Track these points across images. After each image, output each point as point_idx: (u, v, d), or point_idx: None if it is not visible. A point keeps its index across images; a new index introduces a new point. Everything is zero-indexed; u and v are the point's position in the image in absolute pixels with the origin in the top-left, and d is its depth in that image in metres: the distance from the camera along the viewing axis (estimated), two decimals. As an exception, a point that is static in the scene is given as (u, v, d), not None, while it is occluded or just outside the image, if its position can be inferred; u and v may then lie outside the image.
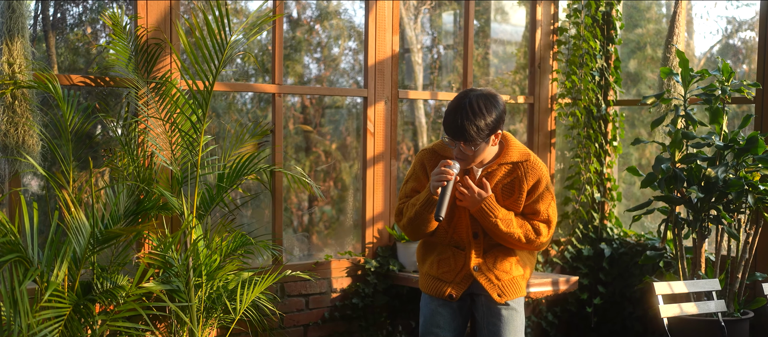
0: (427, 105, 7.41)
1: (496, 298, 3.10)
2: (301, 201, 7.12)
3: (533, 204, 3.07)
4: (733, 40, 9.64)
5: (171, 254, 3.45)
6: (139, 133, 3.75)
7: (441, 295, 3.14)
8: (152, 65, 3.81)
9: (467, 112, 2.89)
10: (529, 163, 3.05)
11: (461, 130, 2.91)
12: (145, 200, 3.56)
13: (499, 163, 3.05)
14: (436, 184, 2.93)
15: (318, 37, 7.38)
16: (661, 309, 3.72)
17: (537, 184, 3.05)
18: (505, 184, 3.05)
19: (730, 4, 9.57)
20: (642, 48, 7.96)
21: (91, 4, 6.09)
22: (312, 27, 7.32)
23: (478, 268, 3.11)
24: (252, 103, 6.88)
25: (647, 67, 7.86)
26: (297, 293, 4.38)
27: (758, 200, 4.29)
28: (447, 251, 3.14)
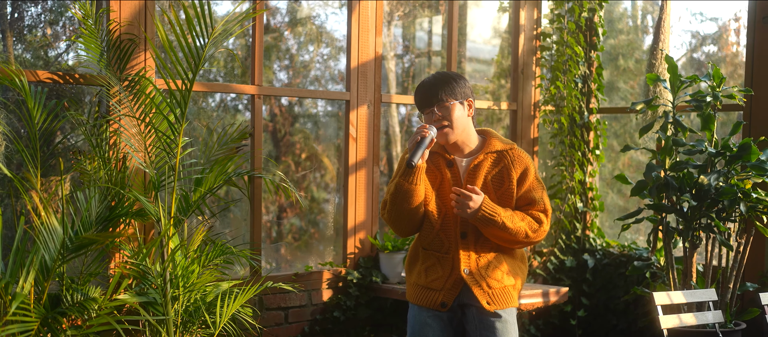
0: (400, 113, 7.24)
1: (485, 306, 2.95)
2: (269, 212, 6.86)
3: (527, 194, 2.97)
4: (697, 54, 9.70)
5: (147, 264, 3.20)
6: (111, 133, 3.50)
7: (432, 304, 2.98)
8: (126, 62, 3.56)
9: (438, 76, 2.94)
10: (515, 151, 2.98)
11: (433, 90, 2.90)
12: (119, 206, 3.30)
13: (485, 152, 2.96)
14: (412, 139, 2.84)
15: (287, 43, 7.16)
16: (661, 320, 3.59)
17: (525, 172, 2.96)
18: (494, 174, 2.95)
19: (694, 19, 9.63)
20: (614, 58, 7.92)
21: (51, 5, 5.78)
22: (282, 33, 7.10)
23: (469, 271, 2.96)
24: (220, 109, 6.62)
25: (620, 78, 7.81)
26: (276, 306, 4.14)
27: (750, 208, 4.20)
28: (432, 258, 3.00)
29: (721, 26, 9.53)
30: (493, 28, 7.13)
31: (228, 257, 3.53)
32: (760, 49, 4.55)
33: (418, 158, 2.77)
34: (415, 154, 2.78)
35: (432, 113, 2.90)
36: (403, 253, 4.41)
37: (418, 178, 2.86)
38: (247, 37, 6.00)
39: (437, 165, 2.98)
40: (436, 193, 2.97)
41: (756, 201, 4.19)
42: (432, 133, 2.85)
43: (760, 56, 4.54)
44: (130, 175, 3.50)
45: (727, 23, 9.31)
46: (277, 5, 7.10)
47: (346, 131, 4.43)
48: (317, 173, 7.05)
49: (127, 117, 3.46)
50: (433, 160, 2.98)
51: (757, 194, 4.19)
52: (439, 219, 2.96)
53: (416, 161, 2.77)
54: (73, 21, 4.91)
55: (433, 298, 2.98)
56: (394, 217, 2.93)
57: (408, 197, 2.87)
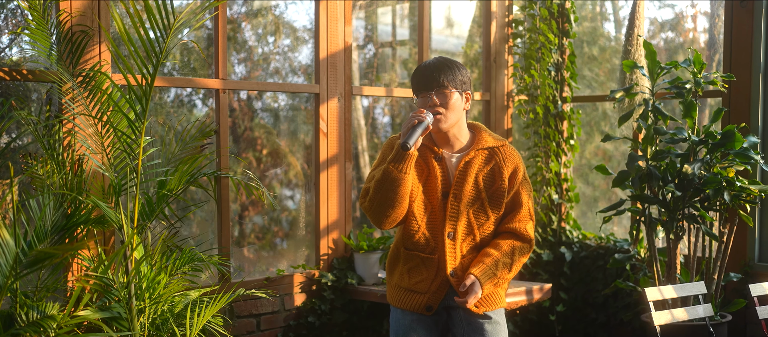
0: (363, 106, 7.01)
1: (473, 309, 2.81)
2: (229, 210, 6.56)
3: (516, 195, 2.84)
4: (655, 41, 9.69)
5: (110, 276, 2.93)
6: (65, 134, 3.21)
7: (417, 308, 2.82)
8: (79, 56, 3.27)
9: (437, 62, 2.79)
10: (507, 148, 2.85)
11: (435, 74, 2.75)
12: (76, 213, 3.02)
13: (476, 149, 2.80)
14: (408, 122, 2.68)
15: (245, 35, 6.87)
16: (653, 317, 3.45)
17: (515, 171, 2.84)
18: (486, 173, 2.81)
19: (652, 5, 9.61)
20: (578, 46, 7.81)
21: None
22: (239, 24, 6.81)
23: (455, 273, 2.80)
24: (175, 105, 6.31)
25: (585, 66, 7.70)
26: (247, 314, 3.89)
27: (734, 197, 4.09)
28: (415, 259, 2.83)
29: (678, 13, 9.52)
30: (447, 18, 6.96)
31: (197, 264, 3.28)
32: (738, 33, 4.45)
33: (413, 141, 2.59)
34: (411, 137, 2.59)
35: (428, 98, 2.73)
36: (379, 252, 4.20)
37: (409, 166, 2.69)
38: (204, 29, 5.70)
39: (425, 158, 2.81)
40: (421, 188, 2.80)
41: (740, 190, 4.08)
42: (428, 120, 2.68)
43: (738, 41, 4.44)
44: (87, 179, 3.22)
45: (685, 10, 9.31)
46: (234, -5, 6.81)
47: (316, 126, 4.20)
48: (280, 170, 6.79)
49: (83, 116, 3.18)
50: (421, 154, 2.80)
51: (741, 182, 4.08)
52: (425, 216, 2.80)
53: (411, 144, 2.59)
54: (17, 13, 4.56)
55: (417, 301, 2.82)
56: (376, 206, 2.73)
57: (395, 186, 2.69)
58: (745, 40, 4.41)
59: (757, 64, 4.37)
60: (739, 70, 4.43)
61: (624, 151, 8.10)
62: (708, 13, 8.90)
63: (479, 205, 2.79)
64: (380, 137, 7.03)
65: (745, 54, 4.41)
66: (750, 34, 4.39)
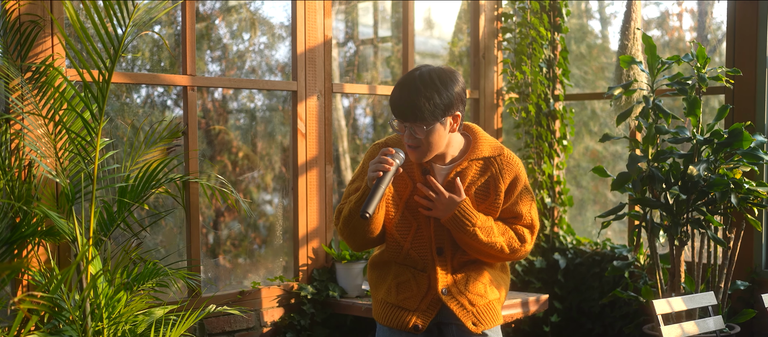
0: (344, 106, 6.71)
1: (470, 327, 2.58)
2: (204, 216, 6.24)
3: (513, 206, 2.58)
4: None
5: (61, 294, 2.60)
6: (12, 136, 2.88)
7: (404, 327, 2.57)
8: (28, 49, 2.95)
9: (418, 85, 2.41)
10: (504, 157, 2.57)
11: (411, 105, 2.40)
12: (23, 224, 2.69)
13: (469, 159, 2.54)
14: (372, 174, 2.39)
15: (219, 32, 6.55)
16: (663, 331, 3.17)
17: (514, 182, 2.57)
18: (479, 185, 2.55)
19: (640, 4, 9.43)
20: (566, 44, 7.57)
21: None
22: (213, 21, 6.48)
23: (448, 291, 2.57)
24: (146, 105, 5.97)
25: (573, 64, 7.46)
26: (220, 331, 3.57)
27: (741, 200, 3.83)
28: (406, 273, 2.59)
29: (664, 11, 9.34)
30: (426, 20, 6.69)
31: (162, 278, 2.96)
32: (742, 25, 4.19)
33: (372, 208, 2.34)
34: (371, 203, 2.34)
35: (406, 128, 2.44)
36: (363, 263, 3.89)
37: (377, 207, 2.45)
38: (176, 25, 5.38)
39: (411, 173, 2.54)
40: (404, 204, 2.53)
41: (748, 192, 3.82)
42: (397, 163, 2.42)
43: (742, 35, 4.19)
44: (37, 186, 2.89)
45: (670, 7, 9.13)
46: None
47: (294, 126, 3.88)
48: (257, 173, 6.46)
49: (32, 115, 2.85)
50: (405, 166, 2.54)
51: (748, 184, 3.82)
52: (409, 236, 2.55)
53: (371, 212, 2.34)
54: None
55: (405, 319, 2.57)
56: (347, 234, 2.54)
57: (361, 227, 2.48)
58: (749, 34, 4.16)
59: (762, 58, 4.12)
60: (743, 65, 4.18)
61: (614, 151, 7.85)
62: (693, 11, 8.70)
63: None
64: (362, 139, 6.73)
65: (750, 48, 4.16)
66: (755, 26, 4.14)
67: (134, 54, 5.48)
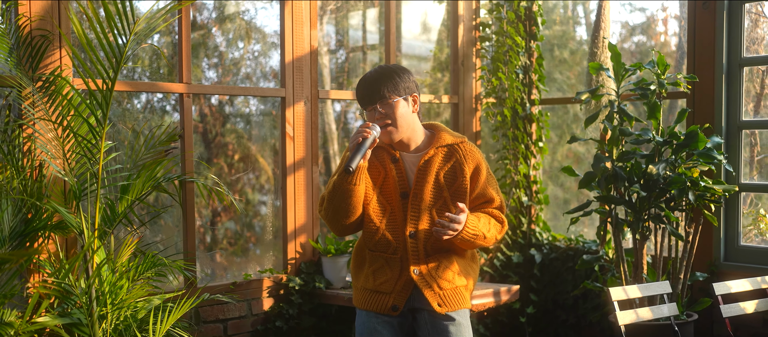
0: (335, 110, 7.01)
1: (436, 308, 2.81)
2: (202, 216, 6.54)
3: (484, 191, 2.85)
4: (627, 44, 9.78)
5: (70, 281, 2.90)
6: (24, 139, 3.18)
7: (383, 309, 2.82)
8: (38, 61, 3.25)
9: (377, 74, 2.77)
10: (466, 145, 2.85)
11: (375, 86, 2.74)
12: (35, 218, 2.99)
13: (435, 147, 2.81)
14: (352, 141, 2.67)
15: (216, 40, 6.85)
16: (618, 316, 3.47)
17: (478, 168, 2.84)
18: (446, 171, 2.81)
19: (623, 9, 9.70)
20: (549, 49, 7.86)
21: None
22: (210, 29, 6.78)
23: (419, 272, 2.81)
24: (146, 110, 6.28)
25: (555, 69, 7.75)
26: (214, 319, 3.87)
27: (699, 197, 4.13)
28: (379, 260, 2.84)
29: (650, 16, 9.62)
30: (423, 24, 6.97)
31: (160, 269, 3.25)
32: (701, 34, 4.49)
33: (356, 163, 2.62)
34: (354, 159, 2.62)
35: (374, 111, 2.74)
36: (347, 256, 4.19)
37: (359, 178, 2.71)
38: (173, 34, 5.67)
39: (382, 161, 2.82)
40: (378, 190, 2.81)
41: (704, 190, 4.12)
42: (374, 133, 2.69)
43: (701, 42, 4.49)
44: (47, 184, 3.19)
45: (655, 13, 9.41)
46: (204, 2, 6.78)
47: (283, 130, 4.19)
48: (252, 174, 6.76)
49: (43, 121, 3.15)
50: (377, 155, 2.82)
51: (705, 182, 4.12)
52: (384, 218, 2.80)
53: (354, 167, 2.62)
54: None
55: (383, 301, 2.82)
56: (330, 215, 2.77)
57: (346, 197, 2.72)
58: (707, 41, 4.46)
59: (719, 64, 4.42)
60: (702, 71, 4.48)
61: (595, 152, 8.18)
62: (678, 16, 8.99)
63: (442, 203, 2.79)
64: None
65: (708, 55, 4.46)
66: (712, 35, 4.44)
67: (134, 63, 5.79)
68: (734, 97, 4.41)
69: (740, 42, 4.39)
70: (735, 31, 4.40)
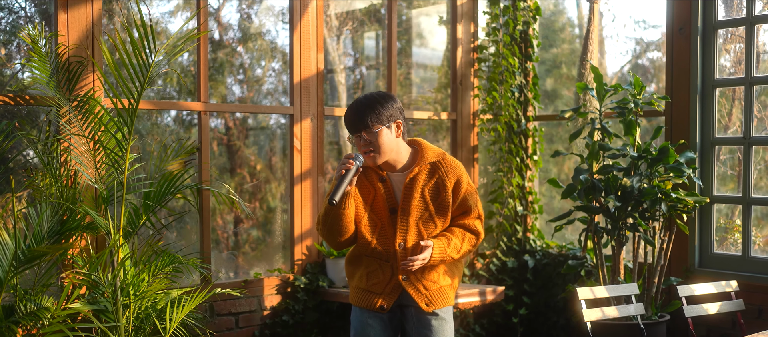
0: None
1: (424, 307, 3.14)
2: (226, 223, 7.05)
3: (464, 202, 3.14)
4: (642, 60, 10.10)
5: (98, 274, 3.39)
6: (61, 152, 3.68)
7: (371, 306, 3.15)
8: (74, 83, 3.75)
9: (364, 102, 3.00)
10: (447, 161, 3.11)
11: (360, 116, 2.97)
12: (70, 220, 3.48)
13: (419, 165, 3.09)
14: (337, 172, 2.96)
15: (241, 59, 7.37)
16: (584, 313, 3.85)
17: (458, 182, 3.11)
18: (430, 187, 3.09)
19: (638, 26, 10.01)
20: (558, 67, 8.23)
21: (3, 26, 5.94)
22: (234, 48, 7.30)
23: (407, 278, 3.13)
24: (176, 124, 6.81)
25: (563, 85, 8.12)
26: (226, 312, 4.34)
27: (671, 208, 4.50)
28: (374, 264, 3.16)
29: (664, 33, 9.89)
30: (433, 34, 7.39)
31: (177, 265, 3.72)
32: (678, 58, 4.86)
33: (338, 196, 2.87)
34: (337, 192, 2.87)
35: (360, 138, 3.00)
36: (347, 258, 4.64)
37: (346, 203, 3.01)
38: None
39: (371, 180, 3.10)
40: (369, 207, 3.10)
41: (676, 201, 4.48)
42: (357, 163, 2.96)
43: (678, 65, 4.86)
44: (80, 190, 3.68)
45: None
46: (230, 21, 7.31)
47: (291, 144, 4.65)
48: (271, 184, 7.25)
49: (77, 136, 3.65)
50: (366, 175, 3.10)
51: (677, 194, 4.48)
52: (375, 233, 3.10)
53: (337, 199, 2.88)
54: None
55: (373, 301, 3.15)
56: (326, 234, 3.10)
57: (337, 220, 3.03)
58: (683, 64, 4.83)
59: (694, 86, 4.78)
60: (679, 91, 4.85)
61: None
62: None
63: (428, 216, 3.09)
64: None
65: (684, 77, 4.82)
66: (688, 59, 4.81)
67: (165, 81, 6.33)
68: (708, 115, 4.77)
69: (713, 65, 4.76)
70: (709, 55, 4.77)
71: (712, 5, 4.75)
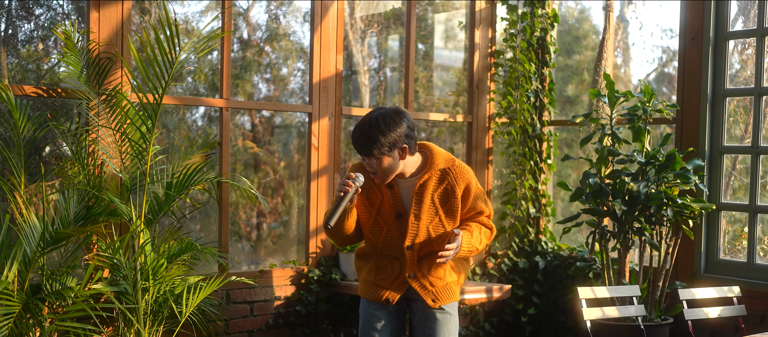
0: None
1: (430, 303, 3.27)
2: (249, 217, 7.28)
3: (474, 205, 3.25)
4: (668, 69, 10.13)
5: (119, 258, 3.60)
6: (89, 142, 3.90)
7: (378, 299, 3.29)
8: (103, 78, 3.97)
9: (366, 129, 3.01)
10: (456, 167, 3.19)
11: (362, 145, 3.04)
12: (95, 206, 3.70)
13: (429, 172, 3.19)
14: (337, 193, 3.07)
15: (268, 58, 7.59)
16: (584, 312, 3.98)
17: (467, 188, 3.20)
18: (440, 193, 3.20)
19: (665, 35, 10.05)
20: (579, 73, 8.33)
21: (43, 22, 6.22)
22: (262, 48, 7.52)
23: (414, 275, 3.26)
24: (203, 120, 7.04)
25: (584, 92, 8.21)
26: (242, 300, 4.54)
27: (677, 213, 4.60)
28: (383, 260, 3.30)
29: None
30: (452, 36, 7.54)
31: (195, 253, 3.92)
32: (690, 67, 4.96)
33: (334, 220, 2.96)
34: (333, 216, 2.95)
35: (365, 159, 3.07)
36: (360, 252, 4.81)
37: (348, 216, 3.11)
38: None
39: (379, 187, 3.20)
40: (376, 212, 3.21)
41: (682, 206, 4.59)
42: (357, 184, 3.03)
43: (690, 74, 4.96)
44: (106, 179, 3.90)
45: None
46: (259, 21, 7.53)
47: (309, 141, 4.84)
48: (294, 181, 7.46)
49: (104, 128, 3.87)
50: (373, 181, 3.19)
51: (683, 200, 4.59)
52: (382, 237, 3.22)
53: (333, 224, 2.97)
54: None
55: (380, 294, 3.29)
56: (329, 235, 3.23)
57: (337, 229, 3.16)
58: (695, 73, 4.93)
59: (705, 94, 4.88)
60: (690, 99, 4.95)
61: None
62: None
63: (437, 220, 3.20)
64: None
65: (695, 85, 4.92)
66: (699, 67, 4.90)
67: (194, 77, 6.56)
68: (717, 123, 4.87)
69: (724, 74, 4.85)
70: (719, 65, 4.86)
71: (725, 15, 4.84)
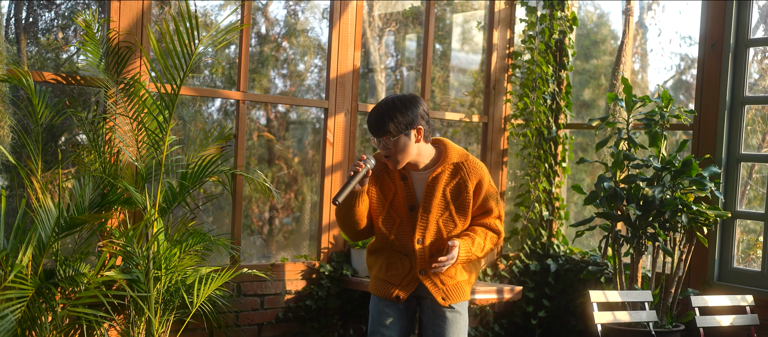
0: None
1: (440, 301, 3.26)
2: (262, 212, 7.30)
3: (484, 203, 3.24)
4: (686, 77, 10.08)
5: (133, 246, 3.62)
6: (106, 131, 3.93)
7: (388, 296, 3.29)
8: (122, 67, 3.99)
9: (384, 108, 3.05)
10: (470, 162, 3.19)
11: (379, 123, 3.04)
12: (110, 194, 3.72)
13: (442, 165, 3.19)
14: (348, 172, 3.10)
15: (285, 53, 7.61)
16: (595, 316, 3.96)
17: (480, 183, 3.19)
18: (452, 187, 3.19)
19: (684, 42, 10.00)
20: (596, 78, 8.30)
21: (63, 10, 6.26)
22: (279, 43, 7.55)
23: (424, 272, 3.25)
24: (219, 113, 7.07)
25: (600, 96, 8.18)
26: (253, 293, 4.55)
27: (691, 220, 4.57)
28: (394, 256, 3.29)
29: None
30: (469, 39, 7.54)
31: (207, 244, 3.94)
32: (709, 73, 4.93)
33: (343, 198, 2.97)
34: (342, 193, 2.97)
35: (380, 140, 3.08)
36: (371, 249, 4.81)
37: (358, 201, 3.13)
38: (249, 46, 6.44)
39: (392, 177, 3.20)
40: (389, 204, 3.21)
41: (697, 213, 4.56)
42: (368, 165, 3.06)
43: (709, 80, 4.93)
44: (122, 167, 3.92)
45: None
46: (277, 16, 7.55)
47: (324, 136, 4.85)
48: (308, 177, 7.47)
49: (122, 116, 3.89)
50: (388, 172, 3.20)
51: (698, 207, 4.56)
52: (394, 229, 3.22)
53: (340, 201, 2.98)
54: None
55: (390, 291, 3.29)
56: (340, 225, 3.26)
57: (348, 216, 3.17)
58: (714, 80, 4.90)
59: (723, 101, 4.85)
60: (708, 105, 4.92)
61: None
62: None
63: (448, 215, 3.20)
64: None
65: (714, 92, 4.89)
66: (718, 74, 4.87)
67: (211, 71, 6.59)
68: (735, 131, 4.84)
69: (743, 82, 4.82)
70: (739, 72, 4.83)
71: (746, 22, 4.81)
